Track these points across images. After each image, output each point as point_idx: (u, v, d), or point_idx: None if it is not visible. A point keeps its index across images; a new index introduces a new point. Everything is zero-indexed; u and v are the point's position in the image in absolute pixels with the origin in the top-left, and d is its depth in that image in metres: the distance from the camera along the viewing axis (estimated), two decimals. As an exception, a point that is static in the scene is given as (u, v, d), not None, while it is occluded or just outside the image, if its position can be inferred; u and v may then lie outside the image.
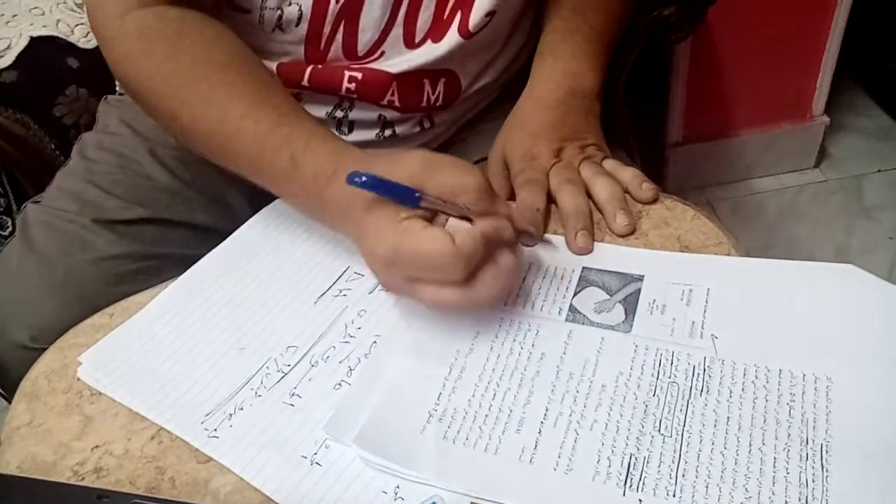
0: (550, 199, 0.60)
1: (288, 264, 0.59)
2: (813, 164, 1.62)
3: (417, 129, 0.72)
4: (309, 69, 0.66)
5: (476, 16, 0.65)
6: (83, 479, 0.47)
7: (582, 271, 0.56)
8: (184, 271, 0.60)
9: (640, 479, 0.43)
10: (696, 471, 0.43)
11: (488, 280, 0.47)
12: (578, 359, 0.50)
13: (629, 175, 0.61)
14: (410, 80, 0.67)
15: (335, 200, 0.51)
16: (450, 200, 0.48)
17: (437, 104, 0.70)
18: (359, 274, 0.58)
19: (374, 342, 0.53)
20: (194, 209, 0.72)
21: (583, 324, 0.52)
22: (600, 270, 0.56)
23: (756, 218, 1.55)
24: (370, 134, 0.70)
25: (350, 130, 0.70)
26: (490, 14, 0.66)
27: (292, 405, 0.50)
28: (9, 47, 0.84)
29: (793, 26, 1.40)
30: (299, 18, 0.63)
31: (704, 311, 0.52)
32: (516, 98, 0.68)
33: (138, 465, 0.48)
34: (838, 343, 0.49)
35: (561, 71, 0.66)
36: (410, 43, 0.66)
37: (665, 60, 1.40)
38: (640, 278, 0.55)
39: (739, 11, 1.34)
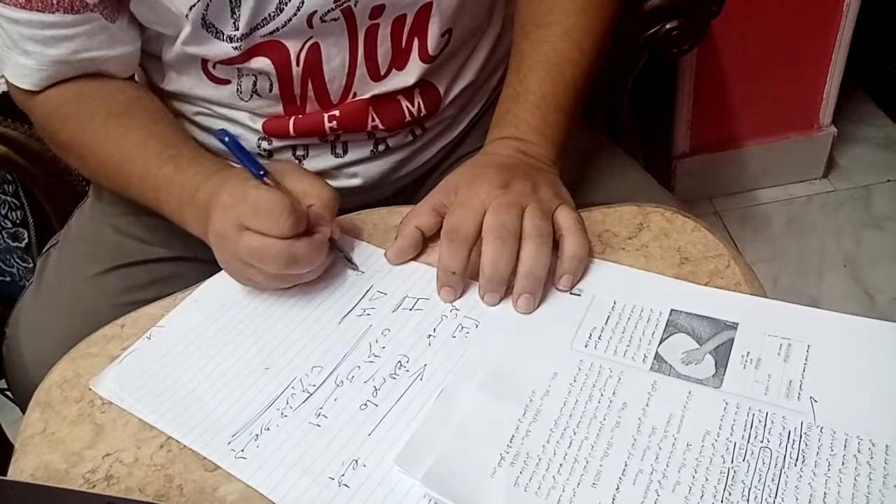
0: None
1: (311, 284, 0.59)
2: (821, 175, 1.62)
3: (410, 138, 0.73)
4: (291, 121, 0.69)
5: (433, 39, 0.67)
6: (94, 486, 0.49)
7: (670, 314, 0.53)
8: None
9: None
10: None
11: (306, 243, 0.55)
12: (663, 412, 0.47)
13: (568, 250, 0.56)
14: (385, 101, 0.69)
15: (206, 192, 0.59)
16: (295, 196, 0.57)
17: (422, 114, 0.71)
18: (382, 293, 0.58)
19: (399, 362, 0.53)
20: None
21: (669, 374, 0.49)
22: (690, 314, 0.53)
23: (764, 228, 1.55)
24: (365, 151, 0.72)
25: (345, 152, 0.72)
26: (446, 33, 0.67)
27: (318, 426, 0.50)
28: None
29: (799, 36, 1.41)
30: (270, 85, 0.67)
31: (804, 370, 0.48)
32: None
33: (148, 473, 0.49)
34: None
35: (510, 142, 0.63)
36: (377, 77, 0.68)
37: (671, 72, 1.41)
38: (734, 326, 0.51)
39: (744, 22, 1.35)
